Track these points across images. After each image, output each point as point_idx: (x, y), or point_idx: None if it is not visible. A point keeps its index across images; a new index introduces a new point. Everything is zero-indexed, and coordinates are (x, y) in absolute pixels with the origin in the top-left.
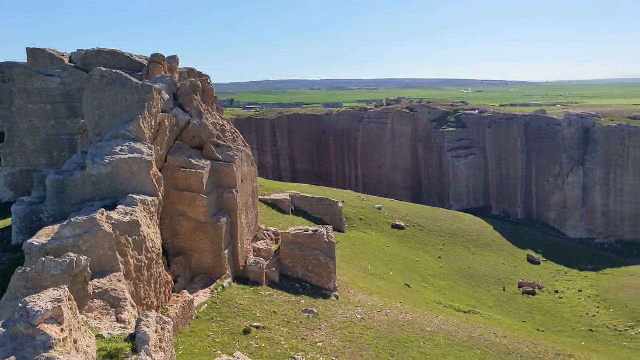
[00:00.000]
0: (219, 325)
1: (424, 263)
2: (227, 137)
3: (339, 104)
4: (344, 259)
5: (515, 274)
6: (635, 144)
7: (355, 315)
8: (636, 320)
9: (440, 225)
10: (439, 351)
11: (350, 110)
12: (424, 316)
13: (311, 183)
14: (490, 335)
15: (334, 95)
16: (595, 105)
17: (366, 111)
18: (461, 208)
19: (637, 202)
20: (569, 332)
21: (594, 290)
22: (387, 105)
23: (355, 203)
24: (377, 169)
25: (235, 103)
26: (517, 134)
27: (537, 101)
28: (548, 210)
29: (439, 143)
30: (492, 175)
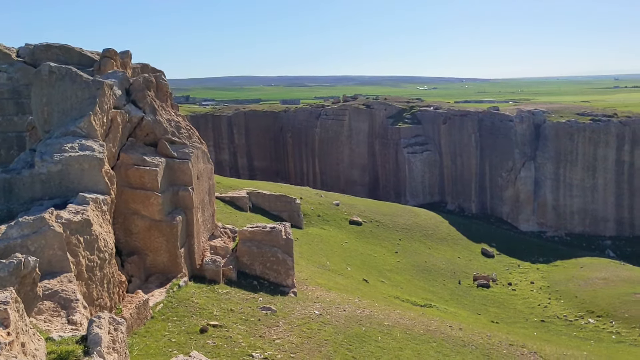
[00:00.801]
0: (175, 325)
1: (382, 258)
2: (183, 134)
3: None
4: (303, 256)
5: (470, 268)
6: (583, 139)
7: (313, 312)
8: (585, 311)
9: (397, 221)
10: (396, 345)
11: (307, 107)
12: (382, 311)
13: (269, 180)
14: (446, 328)
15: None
16: (545, 102)
17: (323, 108)
18: (417, 203)
19: (585, 197)
20: (522, 324)
21: (545, 282)
22: (345, 102)
23: (314, 200)
24: (335, 166)
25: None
26: (471, 131)
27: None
28: (501, 205)
29: (396, 139)
30: (447, 171)
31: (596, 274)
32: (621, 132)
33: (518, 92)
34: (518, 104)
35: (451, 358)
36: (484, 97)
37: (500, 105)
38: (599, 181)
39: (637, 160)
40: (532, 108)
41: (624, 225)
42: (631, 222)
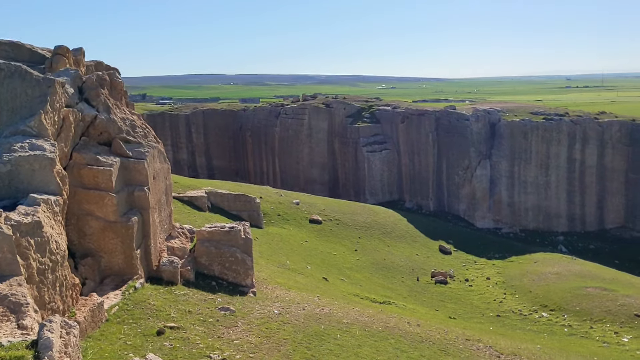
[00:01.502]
0: (131, 328)
1: (341, 256)
2: (138, 133)
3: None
4: (262, 255)
5: (428, 265)
6: (537, 138)
7: (272, 311)
8: (539, 305)
9: (356, 219)
10: (355, 342)
11: (267, 106)
12: (341, 309)
13: (228, 179)
14: (405, 324)
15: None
16: (500, 102)
17: (283, 107)
18: (376, 202)
19: (539, 194)
20: (479, 319)
21: (501, 278)
22: (304, 101)
23: (273, 199)
24: (295, 165)
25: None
26: (429, 130)
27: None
28: (458, 203)
29: (355, 138)
30: (405, 169)
31: (549, 269)
32: (572, 131)
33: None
34: (474, 103)
35: (409, 354)
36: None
37: (457, 105)
38: (552, 178)
39: (588, 158)
40: (487, 107)
41: (576, 221)
42: (582, 218)
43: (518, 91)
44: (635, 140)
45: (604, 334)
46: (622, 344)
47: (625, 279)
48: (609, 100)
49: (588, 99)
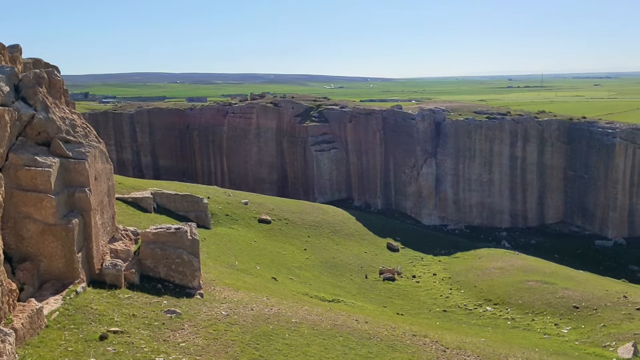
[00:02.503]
0: (72, 333)
1: (291, 256)
2: (78, 132)
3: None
4: (210, 256)
5: (377, 262)
6: (480, 136)
7: (220, 313)
8: (484, 299)
9: (305, 218)
10: (303, 341)
11: (214, 105)
12: (290, 308)
13: (175, 180)
14: (353, 322)
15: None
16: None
17: (231, 106)
18: (325, 200)
19: (483, 191)
20: (426, 314)
21: (447, 274)
22: (252, 100)
23: (222, 199)
24: (243, 164)
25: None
26: (376, 129)
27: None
28: (405, 200)
29: (303, 137)
30: (353, 168)
31: (493, 264)
32: (514, 130)
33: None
34: (420, 102)
35: (357, 351)
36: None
37: (403, 104)
38: (495, 176)
39: (529, 155)
40: (433, 107)
41: (518, 217)
42: (524, 214)
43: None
44: (572, 139)
45: (544, 326)
46: (562, 335)
47: (564, 272)
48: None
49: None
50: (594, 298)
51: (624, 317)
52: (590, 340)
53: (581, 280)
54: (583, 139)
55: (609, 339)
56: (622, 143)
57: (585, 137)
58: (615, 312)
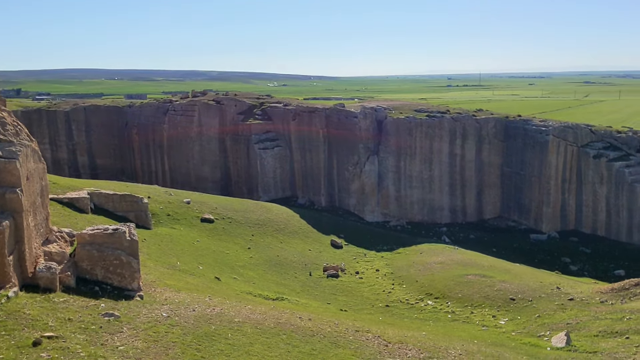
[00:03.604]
0: (3, 340)
1: (234, 255)
2: (8, 130)
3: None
4: (151, 257)
5: (321, 259)
6: (420, 134)
7: (160, 314)
8: (425, 293)
9: (249, 217)
10: (246, 341)
11: (154, 102)
12: (232, 307)
13: (114, 179)
14: (296, 319)
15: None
16: (387, 100)
17: (172, 103)
18: (269, 199)
19: (424, 187)
20: (369, 310)
21: (389, 269)
22: (194, 98)
23: (163, 198)
24: (185, 163)
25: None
26: (320, 126)
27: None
28: (348, 198)
29: (247, 136)
30: (297, 166)
31: (434, 259)
32: (453, 127)
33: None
34: (362, 101)
35: (300, 348)
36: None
37: (346, 102)
38: (435, 173)
39: (468, 153)
40: (374, 105)
41: (457, 213)
42: (463, 210)
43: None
44: (509, 136)
45: (483, 318)
46: (499, 326)
47: (501, 265)
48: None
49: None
50: (529, 290)
51: (557, 308)
52: (526, 330)
53: (517, 273)
54: (518, 136)
55: (544, 329)
56: (555, 140)
57: (520, 134)
58: (549, 303)
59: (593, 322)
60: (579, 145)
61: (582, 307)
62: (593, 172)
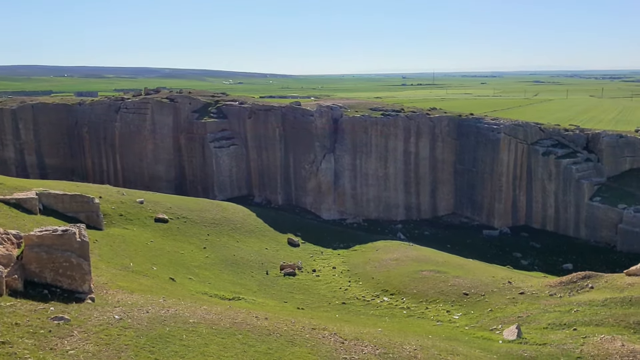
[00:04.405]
0: None
1: (189, 255)
2: None
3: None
4: (103, 259)
5: (278, 258)
6: (376, 132)
7: (113, 317)
8: (381, 290)
9: (205, 216)
10: (201, 341)
11: (106, 100)
12: (187, 308)
13: (64, 179)
14: (252, 319)
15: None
16: (343, 98)
17: (123, 101)
18: (225, 198)
19: (379, 185)
20: (326, 307)
21: (346, 267)
22: (147, 95)
23: (115, 198)
24: (138, 162)
25: None
26: (276, 125)
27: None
28: (305, 196)
29: (202, 134)
30: (253, 164)
31: (389, 256)
32: (407, 126)
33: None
34: (318, 99)
35: (256, 348)
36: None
37: (302, 101)
38: (390, 170)
39: (422, 150)
40: (330, 103)
41: (412, 210)
42: (418, 207)
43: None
44: (461, 134)
45: (437, 313)
46: (453, 321)
47: (455, 261)
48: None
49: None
50: (482, 285)
51: (509, 302)
52: (479, 324)
53: (470, 269)
54: (471, 134)
55: (496, 323)
56: (506, 138)
57: (473, 132)
58: (501, 297)
59: (543, 315)
60: (528, 143)
61: (533, 301)
62: (542, 169)
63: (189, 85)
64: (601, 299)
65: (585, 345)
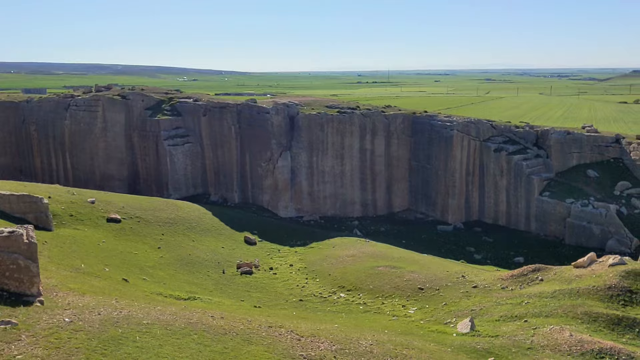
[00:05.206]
0: None
1: (143, 255)
2: None
3: (42, 90)
4: (52, 260)
5: (234, 256)
6: (332, 130)
7: (63, 319)
8: (338, 286)
9: (159, 216)
10: (155, 343)
11: (55, 97)
12: (141, 309)
13: (10, 179)
14: (208, 318)
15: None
16: (299, 96)
17: (74, 98)
18: (180, 196)
19: (336, 182)
20: (283, 305)
21: (303, 264)
22: (97, 92)
23: (65, 198)
24: (89, 161)
25: None
26: (231, 122)
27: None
28: (262, 194)
29: (155, 132)
30: (209, 162)
31: (346, 252)
32: (363, 123)
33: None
34: (274, 97)
35: (212, 347)
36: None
37: (258, 98)
38: (347, 168)
39: (377, 148)
40: (287, 101)
41: (368, 207)
42: (374, 203)
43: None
44: (416, 131)
45: (393, 308)
46: (409, 315)
47: (410, 256)
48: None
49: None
50: (436, 279)
51: (463, 295)
52: (434, 318)
53: (425, 264)
54: (425, 131)
55: (450, 316)
56: (459, 135)
57: (427, 130)
58: (455, 291)
59: (495, 308)
60: (481, 140)
61: (485, 294)
62: (494, 165)
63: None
64: (550, 291)
65: (536, 336)
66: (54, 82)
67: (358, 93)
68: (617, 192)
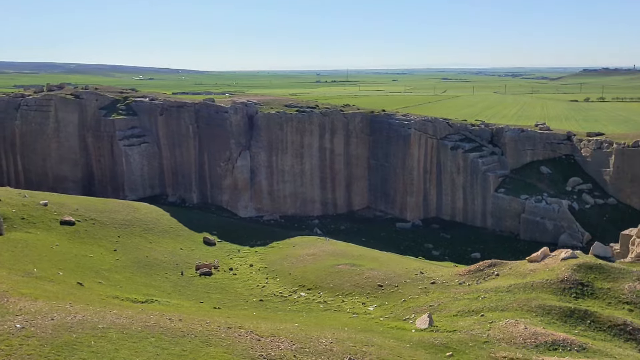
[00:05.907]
0: None
1: (99, 258)
2: None
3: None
4: (3, 265)
5: (193, 258)
6: (291, 129)
7: (14, 326)
8: (298, 285)
9: (115, 217)
10: (111, 347)
11: (4, 97)
12: (96, 313)
13: None
14: (166, 321)
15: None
16: (258, 95)
17: (24, 98)
18: (137, 198)
19: (295, 181)
20: (243, 305)
21: (263, 264)
22: (49, 92)
23: (16, 201)
24: (41, 162)
25: None
26: (189, 122)
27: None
28: (221, 194)
29: (110, 132)
30: (166, 162)
31: (306, 251)
32: (322, 122)
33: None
34: (233, 96)
35: (170, 350)
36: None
37: (216, 97)
38: (306, 167)
39: (337, 147)
40: (245, 100)
41: (328, 205)
42: (334, 202)
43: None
44: (374, 130)
45: (353, 306)
46: (368, 312)
47: (370, 254)
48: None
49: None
50: (395, 276)
51: (421, 292)
52: (393, 315)
53: (385, 261)
54: (383, 130)
55: (409, 313)
56: (416, 133)
57: (385, 128)
58: (414, 288)
59: (452, 303)
60: (438, 138)
61: (443, 290)
62: (451, 162)
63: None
64: (506, 285)
65: (492, 330)
66: (3, 81)
67: (317, 92)
68: (569, 188)
